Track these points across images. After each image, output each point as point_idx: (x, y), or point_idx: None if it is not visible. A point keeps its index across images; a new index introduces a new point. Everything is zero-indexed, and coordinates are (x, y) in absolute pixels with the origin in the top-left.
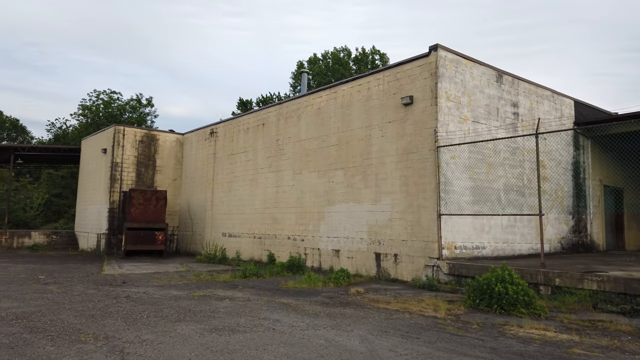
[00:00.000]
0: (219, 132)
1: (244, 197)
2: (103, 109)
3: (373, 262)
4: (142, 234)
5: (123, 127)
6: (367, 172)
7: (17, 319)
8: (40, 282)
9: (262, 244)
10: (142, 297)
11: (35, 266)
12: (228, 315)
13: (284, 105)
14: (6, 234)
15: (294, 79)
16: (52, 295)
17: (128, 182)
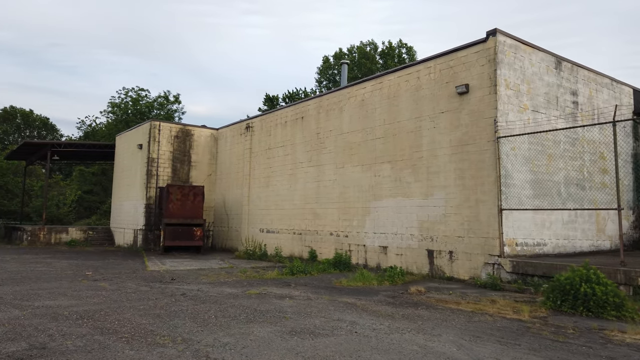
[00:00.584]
0: (255, 127)
1: (283, 193)
2: (132, 106)
3: (425, 260)
4: (181, 229)
5: (159, 122)
6: (417, 165)
7: (81, 318)
8: (89, 278)
9: (302, 240)
10: (198, 295)
11: (78, 262)
12: (298, 316)
13: (324, 97)
14: (44, 229)
15: (319, 74)
16: (106, 292)
17: (164, 177)
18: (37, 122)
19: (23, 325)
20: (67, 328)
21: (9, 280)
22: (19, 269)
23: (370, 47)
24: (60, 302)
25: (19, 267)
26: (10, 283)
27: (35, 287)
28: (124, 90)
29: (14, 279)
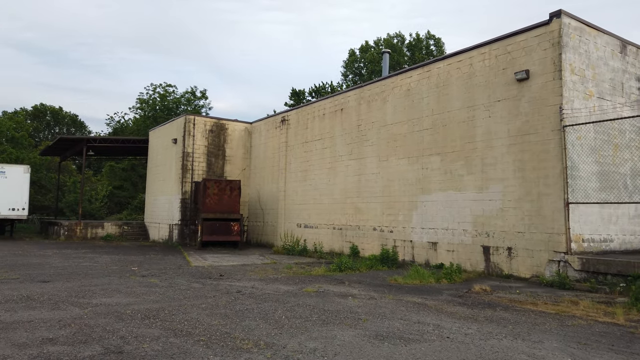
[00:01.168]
0: (290, 120)
1: (321, 187)
2: (159, 102)
3: (480, 256)
4: (218, 224)
5: (193, 116)
6: (471, 157)
7: (147, 317)
8: (136, 274)
9: (343, 236)
10: (255, 293)
11: (119, 257)
12: (374, 318)
13: (366, 88)
14: (80, 224)
15: (345, 68)
16: (159, 289)
17: (199, 172)
18: (67, 119)
19: (90, 326)
20: (136, 329)
21: (57, 275)
22: (63, 264)
23: (398, 39)
24: (117, 299)
25: (63, 262)
26: (60, 279)
27: (86, 283)
28: (152, 86)
29: (62, 274)
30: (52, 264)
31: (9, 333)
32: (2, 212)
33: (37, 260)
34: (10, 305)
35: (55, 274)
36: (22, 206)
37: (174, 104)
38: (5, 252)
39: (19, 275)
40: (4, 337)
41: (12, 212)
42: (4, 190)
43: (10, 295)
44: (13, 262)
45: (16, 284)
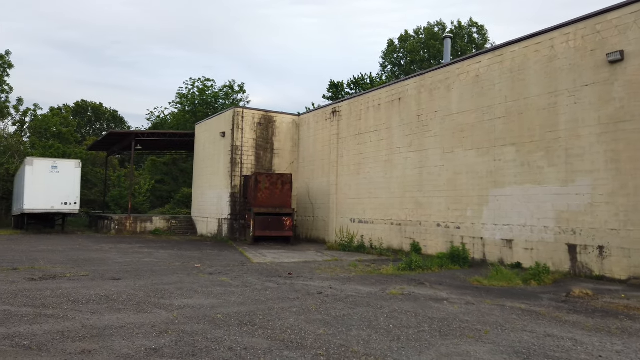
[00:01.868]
0: (342, 111)
1: (377, 180)
2: (198, 96)
3: (564, 255)
4: (270, 219)
5: (242, 109)
6: (552, 147)
7: (243, 324)
8: (202, 271)
9: (402, 232)
10: (337, 295)
11: (175, 252)
12: (493, 328)
13: (427, 75)
14: (130, 219)
15: (383, 59)
16: (236, 289)
17: (248, 165)
18: (107, 114)
19: (188, 333)
20: (240, 338)
21: (124, 272)
22: (124, 259)
23: (439, 27)
24: (198, 300)
25: (124, 257)
26: (129, 276)
27: (157, 281)
28: (191, 80)
29: (128, 271)
30: (114, 259)
31: (106, 341)
32: (55, 206)
33: (97, 255)
34: (94, 307)
35: (121, 271)
36: (74, 200)
37: (213, 98)
38: (64, 247)
39: (87, 271)
40: (104, 347)
41: (65, 206)
42: (57, 185)
43: (88, 295)
44: (75, 257)
45: (88, 282)
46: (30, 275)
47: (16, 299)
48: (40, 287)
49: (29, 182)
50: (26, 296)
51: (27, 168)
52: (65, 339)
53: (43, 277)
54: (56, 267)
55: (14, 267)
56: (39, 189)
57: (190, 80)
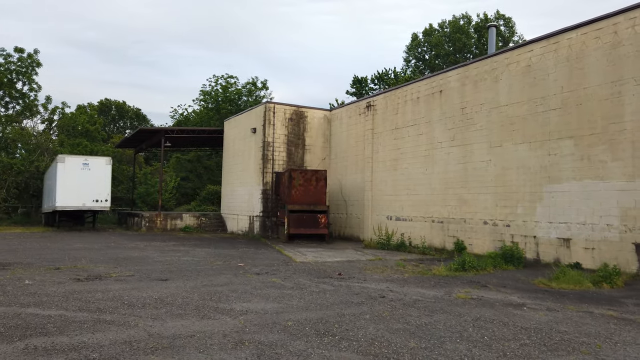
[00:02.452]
0: (377, 105)
1: (416, 176)
2: (221, 93)
3: (631, 256)
4: (305, 217)
5: (273, 104)
6: (617, 139)
7: (320, 333)
8: (248, 271)
9: (444, 229)
10: (404, 299)
11: (212, 250)
12: (613, 344)
13: (471, 66)
14: (160, 216)
15: (407, 53)
16: (291, 291)
17: (279, 162)
18: (130, 113)
19: (266, 345)
20: (326, 352)
21: (169, 272)
22: (164, 258)
23: (464, 20)
24: (258, 304)
25: (162, 256)
26: (176, 277)
27: (206, 282)
28: (214, 77)
29: (172, 270)
30: (153, 258)
31: (181, 354)
32: (87, 204)
33: (135, 253)
34: (152, 312)
35: (165, 270)
36: (105, 197)
37: (236, 95)
38: (99, 244)
39: (131, 271)
40: None
41: (96, 203)
42: (88, 182)
43: (141, 298)
44: (114, 256)
45: (136, 283)
46: (75, 275)
47: (69, 302)
48: (89, 289)
49: (61, 179)
50: (78, 299)
51: (58, 165)
52: (136, 351)
53: (88, 277)
54: (98, 266)
55: (56, 266)
56: (70, 186)
57: (213, 77)
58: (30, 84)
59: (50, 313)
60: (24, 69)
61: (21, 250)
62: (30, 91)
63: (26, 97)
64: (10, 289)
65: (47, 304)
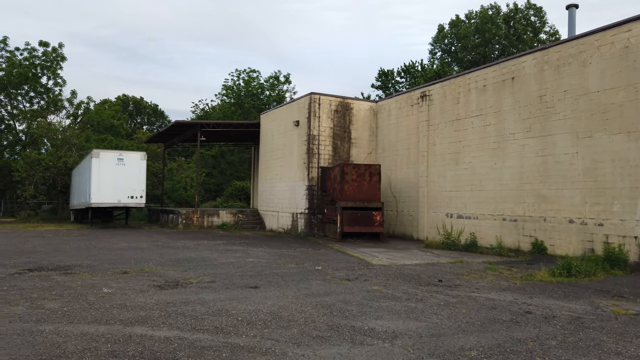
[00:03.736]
0: (433, 95)
1: (482, 171)
2: (244, 87)
3: None
4: (359, 214)
5: (318, 95)
6: None
7: None
8: (333, 275)
9: (518, 228)
10: (558, 316)
11: (267, 249)
12: None
13: (552, 50)
14: (197, 212)
15: (432, 45)
16: (414, 304)
17: (325, 156)
18: (147, 109)
19: None
20: None
21: (249, 277)
22: (227, 260)
23: (493, 10)
24: (398, 323)
25: (224, 257)
26: (264, 284)
27: (303, 291)
28: (237, 71)
29: (252, 275)
30: (215, 259)
31: None
32: (122, 200)
33: (191, 254)
34: (284, 333)
35: (243, 275)
36: (140, 194)
37: (258, 89)
38: (146, 243)
39: (207, 276)
40: None
41: (131, 200)
42: (123, 178)
43: (251, 313)
44: (172, 256)
45: (226, 291)
46: (151, 281)
47: (174, 318)
48: (180, 299)
49: (96, 175)
50: (180, 313)
51: (93, 160)
52: None
53: (167, 283)
54: (166, 269)
55: (122, 269)
56: (105, 182)
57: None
58: (55, 79)
59: (165, 334)
60: (49, 63)
61: (69, 250)
62: (55, 86)
63: (51, 91)
64: (93, 299)
65: (151, 321)
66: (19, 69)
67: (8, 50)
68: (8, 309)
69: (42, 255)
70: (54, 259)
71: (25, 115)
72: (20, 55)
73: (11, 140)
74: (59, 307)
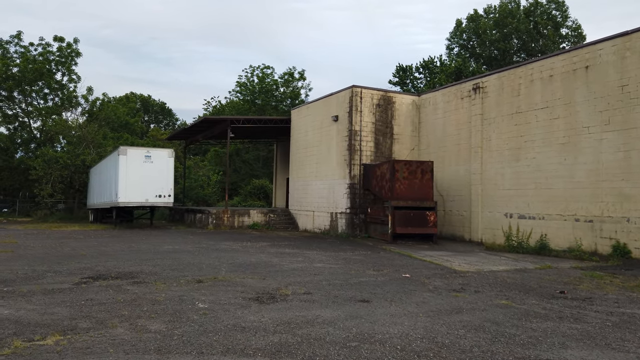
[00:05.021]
0: (488, 87)
1: (549, 167)
2: (257, 84)
3: None
4: (412, 214)
5: (360, 88)
6: None
7: None
8: (428, 284)
9: (594, 230)
10: None
11: (321, 252)
12: None
13: (634, 36)
14: (227, 212)
15: (450, 40)
16: (583, 325)
17: (367, 153)
18: (155, 106)
19: None
20: None
21: (343, 288)
22: (294, 265)
23: (512, 4)
24: (585, 353)
25: (287, 262)
26: (373, 298)
27: (421, 306)
28: (250, 68)
29: (343, 285)
30: (279, 264)
31: None
32: (149, 199)
33: (249, 258)
34: None
35: (332, 285)
36: (168, 192)
37: (273, 86)
38: (189, 245)
39: (295, 285)
40: None
41: (159, 199)
42: (150, 176)
43: (397, 338)
44: (231, 262)
45: (336, 307)
46: (239, 292)
47: (321, 347)
48: (298, 318)
49: (123, 173)
50: (318, 339)
51: (120, 158)
52: None
53: (260, 296)
54: (240, 277)
55: (194, 278)
56: (133, 180)
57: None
58: (69, 75)
59: None
60: (63, 59)
61: (115, 253)
62: (70, 82)
63: (65, 88)
64: (196, 317)
65: (296, 351)
66: (34, 65)
67: (22, 45)
68: (109, 333)
69: (90, 260)
70: (107, 265)
71: (40, 112)
72: (35, 50)
73: (25, 138)
74: (166, 329)
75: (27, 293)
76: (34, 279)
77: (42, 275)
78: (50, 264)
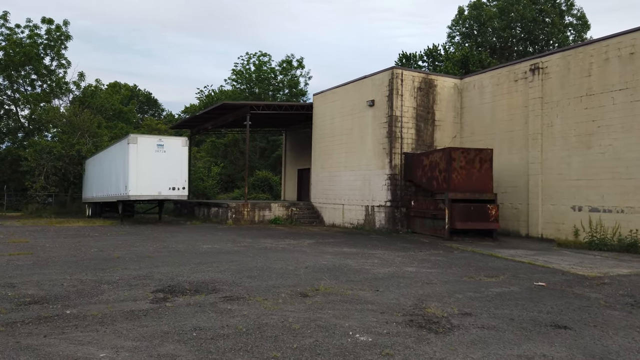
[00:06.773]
0: (549, 67)
1: (630, 155)
2: (254, 71)
3: None
4: (472, 207)
5: (401, 70)
6: None
7: None
8: (582, 297)
9: None
10: None
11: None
12: None
13: None
14: (247, 205)
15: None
16: None
17: (407, 140)
18: (141, 96)
19: None
20: None
21: (474, 307)
22: (384, 269)
23: None
24: None
25: (368, 265)
26: (573, 324)
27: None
28: (247, 55)
29: (470, 297)
30: (359, 268)
31: None
32: (162, 192)
33: (318, 260)
34: None
35: (455, 301)
36: (182, 185)
37: (270, 74)
38: (231, 245)
39: (437, 301)
40: None
41: (173, 191)
42: (163, 167)
43: None
44: (302, 264)
45: (526, 340)
46: (380, 315)
47: None
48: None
49: (133, 163)
50: None
51: (130, 147)
52: None
53: (412, 319)
54: (344, 287)
55: (291, 290)
56: (144, 171)
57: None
58: (59, 60)
59: None
60: (52, 42)
61: (152, 256)
62: (60, 67)
63: (54, 74)
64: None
65: None
66: (22, 49)
67: (8, 27)
68: None
69: (135, 265)
70: (163, 271)
71: (28, 99)
72: (22, 33)
73: (12, 127)
74: None
75: (103, 318)
76: (91, 295)
77: (97, 289)
78: (93, 272)
